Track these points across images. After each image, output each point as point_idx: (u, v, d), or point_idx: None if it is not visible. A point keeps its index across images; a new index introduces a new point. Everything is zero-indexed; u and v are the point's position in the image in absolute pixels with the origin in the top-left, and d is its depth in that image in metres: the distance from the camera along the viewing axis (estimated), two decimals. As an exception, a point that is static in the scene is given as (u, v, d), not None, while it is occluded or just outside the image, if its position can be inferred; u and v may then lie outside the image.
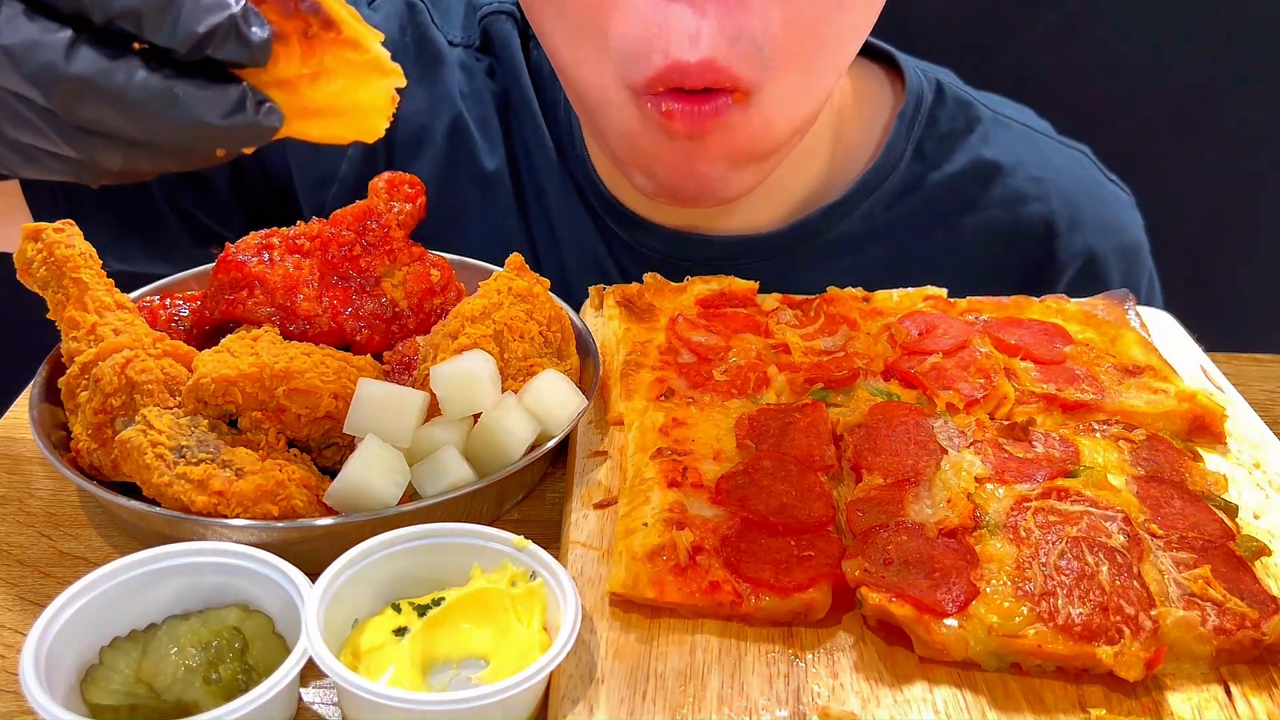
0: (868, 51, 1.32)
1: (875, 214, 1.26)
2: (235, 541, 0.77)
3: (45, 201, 1.23)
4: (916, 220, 1.27)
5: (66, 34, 0.67)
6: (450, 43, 1.32)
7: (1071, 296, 1.13)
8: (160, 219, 1.31)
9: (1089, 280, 1.28)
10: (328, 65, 0.73)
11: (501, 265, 0.99)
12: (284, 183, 1.32)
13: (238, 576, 0.76)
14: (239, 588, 0.76)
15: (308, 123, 0.74)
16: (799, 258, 1.25)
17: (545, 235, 1.29)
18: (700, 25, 0.94)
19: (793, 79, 1.01)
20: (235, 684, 0.70)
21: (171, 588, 0.75)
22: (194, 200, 1.31)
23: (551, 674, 0.71)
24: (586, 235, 1.28)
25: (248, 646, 0.72)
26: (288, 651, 0.71)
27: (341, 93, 0.74)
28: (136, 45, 0.68)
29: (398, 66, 0.76)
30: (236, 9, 0.68)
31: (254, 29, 0.69)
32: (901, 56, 1.31)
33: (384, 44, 0.75)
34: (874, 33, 1.09)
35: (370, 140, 0.77)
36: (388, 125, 0.77)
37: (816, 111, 1.09)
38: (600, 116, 1.07)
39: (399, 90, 0.77)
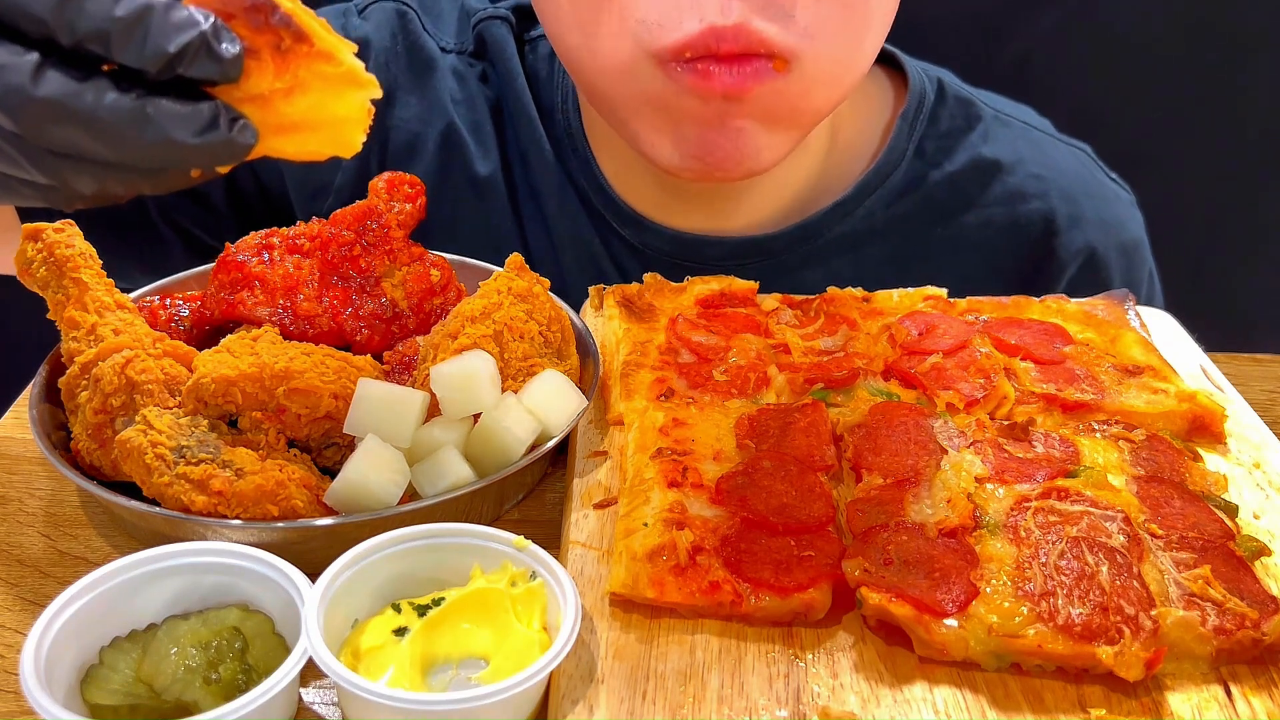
0: None
1: (875, 213, 1.26)
2: (235, 541, 0.77)
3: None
4: (917, 219, 1.27)
5: (33, 57, 0.65)
6: (443, 49, 1.31)
7: (1072, 294, 1.13)
8: (156, 234, 1.31)
9: (1089, 278, 1.28)
10: (302, 79, 0.71)
11: (498, 267, 0.99)
12: (279, 196, 1.32)
13: (238, 576, 0.76)
14: (239, 588, 0.76)
15: (283, 138, 0.73)
16: (800, 257, 1.26)
17: (541, 237, 1.29)
18: None
19: (833, 50, 1.02)
20: (235, 684, 0.70)
21: (171, 588, 0.75)
22: (190, 215, 1.31)
23: (551, 674, 0.71)
24: (584, 236, 1.28)
25: (248, 646, 0.72)
26: (288, 651, 0.71)
27: (316, 106, 0.72)
28: (106, 67, 0.67)
29: (373, 78, 0.74)
30: (206, 26, 0.67)
31: (225, 45, 0.67)
32: (904, 57, 1.31)
33: (376, 52, 0.74)
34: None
35: (348, 155, 0.75)
36: (364, 138, 0.75)
37: (854, 85, 1.10)
38: (621, 91, 1.06)
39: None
